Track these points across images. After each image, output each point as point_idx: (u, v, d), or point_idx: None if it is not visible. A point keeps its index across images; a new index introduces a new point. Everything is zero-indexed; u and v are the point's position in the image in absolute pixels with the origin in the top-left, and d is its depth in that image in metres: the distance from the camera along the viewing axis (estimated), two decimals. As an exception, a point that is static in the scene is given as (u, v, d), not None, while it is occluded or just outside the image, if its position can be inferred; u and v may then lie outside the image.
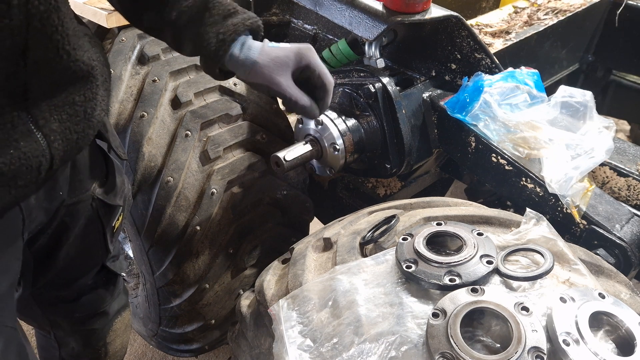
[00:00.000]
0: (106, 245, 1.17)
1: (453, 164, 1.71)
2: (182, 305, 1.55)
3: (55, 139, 0.83)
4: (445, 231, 0.94)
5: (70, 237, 1.07)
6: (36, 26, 0.74)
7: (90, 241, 1.14)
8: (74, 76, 0.85)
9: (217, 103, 1.51)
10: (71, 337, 1.31)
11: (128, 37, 1.50)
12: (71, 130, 0.86)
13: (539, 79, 1.41)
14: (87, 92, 0.88)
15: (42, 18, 0.74)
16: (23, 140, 0.79)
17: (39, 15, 0.73)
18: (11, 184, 0.80)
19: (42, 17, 0.74)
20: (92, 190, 1.07)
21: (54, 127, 0.83)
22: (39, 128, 0.81)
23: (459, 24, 1.43)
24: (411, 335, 0.77)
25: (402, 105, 1.39)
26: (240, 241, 1.55)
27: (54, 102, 0.83)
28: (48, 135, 0.82)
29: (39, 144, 0.81)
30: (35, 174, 0.82)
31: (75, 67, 0.84)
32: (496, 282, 0.85)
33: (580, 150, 1.26)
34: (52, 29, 0.76)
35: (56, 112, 0.83)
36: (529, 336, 0.73)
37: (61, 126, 0.84)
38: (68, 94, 0.85)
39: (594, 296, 0.80)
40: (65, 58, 0.81)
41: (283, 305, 0.90)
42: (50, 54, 0.78)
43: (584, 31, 2.09)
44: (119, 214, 1.18)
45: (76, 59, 0.83)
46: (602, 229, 1.19)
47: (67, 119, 0.85)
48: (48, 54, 0.78)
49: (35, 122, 0.80)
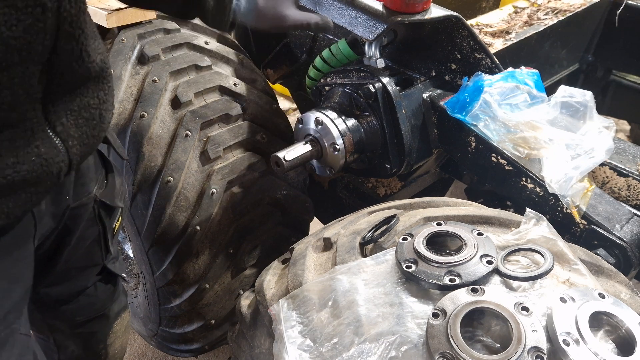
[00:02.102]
0: (107, 247, 1.17)
1: (453, 164, 1.71)
2: (182, 305, 1.55)
3: (73, 144, 0.84)
4: (445, 231, 0.94)
5: (72, 240, 1.08)
6: (66, 29, 0.74)
7: (91, 243, 1.14)
8: (89, 78, 0.85)
9: (217, 103, 1.51)
10: (70, 340, 1.30)
11: (128, 37, 1.50)
12: (87, 134, 0.87)
13: (539, 79, 1.41)
14: (100, 95, 0.89)
15: (72, 21, 0.74)
16: (43, 146, 0.79)
17: (70, 19, 0.74)
18: (32, 191, 0.80)
19: (72, 20, 0.74)
20: (94, 193, 1.08)
21: (72, 133, 0.84)
22: (57, 134, 0.81)
23: (459, 24, 1.43)
24: (411, 335, 0.77)
25: (402, 105, 1.39)
26: (240, 241, 1.55)
27: (71, 108, 0.83)
28: (66, 140, 0.83)
29: (58, 149, 0.82)
30: (55, 180, 0.82)
31: (92, 69, 0.84)
32: (496, 282, 0.85)
33: (580, 150, 1.26)
34: (79, 31, 0.77)
35: (73, 118, 0.84)
36: (529, 336, 0.73)
37: (78, 131, 0.85)
38: (83, 98, 0.85)
39: (594, 296, 0.80)
40: (86, 59, 0.81)
41: (283, 305, 0.90)
42: (74, 56, 0.79)
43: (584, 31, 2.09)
44: (118, 215, 1.18)
45: (93, 60, 0.83)
46: (602, 229, 1.19)
47: (84, 124, 0.86)
48: (72, 57, 0.78)
49: (53, 128, 0.81)
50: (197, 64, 1.54)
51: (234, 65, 1.64)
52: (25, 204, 0.81)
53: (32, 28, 0.69)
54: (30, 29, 0.68)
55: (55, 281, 1.14)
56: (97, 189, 1.09)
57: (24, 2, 0.67)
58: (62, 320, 1.26)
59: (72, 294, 1.20)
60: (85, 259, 1.16)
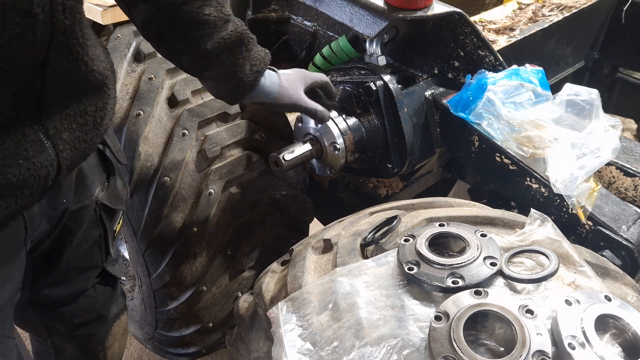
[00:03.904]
0: (107, 249, 1.18)
1: (456, 164, 1.71)
2: (179, 308, 1.55)
3: (64, 148, 0.84)
4: (448, 232, 0.94)
5: (72, 242, 1.08)
6: (59, 39, 0.74)
7: (92, 245, 1.15)
8: (89, 87, 0.86)
9: (215, 101, 1.51)
10: (68, 342, 1.31)
11: (124, 34, 1.50)
12: (80, 139, 0.87)
13: (543, 77, 1.41)
14: (98, 102, 0.89)
15: (66, 32, 0.75)
16: (33, 150, 0.79)
17: (63, 29, 0.74)
18: (18, 194, 0.80)
19: (67, 30, 0.75)
20: (95, 195, 1.08)
21: (64, 137, 0.84)
22: (49, 138, 0.81)
23: (462, 20, 1.43)
24: (413, 339, 0.77)
25: (404, 104, 1.39)
26: (239, 242, 1.55)
27: (66, 112, 0.83)
28: (57, 144, 0.83)
29: (48, 153, 0.82)
30: (42, 184, 0.82)
31: (91, 78, 0.84)
32: (500, 284, 0.85)
33: (586, 150, 1.26)
34: (74, 41, 0.77)
35: (67, 122, 0.84)
36: (534, 340, 0.73)
37: (71, 136, 0.85)
38: (81, 104, 0.86)
39: (599, 299, 0.80)
40: (84, 69, 0.82)
41: (282, 308, 0.90)
42: (69, 66, 0.79)
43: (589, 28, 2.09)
44: (119, 217, 1.19)
45: (93, 69, 0.84)
46: (608, 230, 1.19)
47: (77, 129, 0.86)
48: (67, 65, 0.79)
49: (46, 132, 0.81)
50: (194, 61, 1.53)
51: (232, 63, 1.64)
52: (10, 208, 0.81)
53: (20, 38, 0.69)
54: (17, 39, 0.69)
55: (55, 282, 1.14)
56: (99, 191, 1.09)
57: (13, 12, 0.67)
58: (60, 322, 1.26)
59: (72, 295, 1.21)
60: (85, 260, 1.17)
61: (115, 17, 1.45)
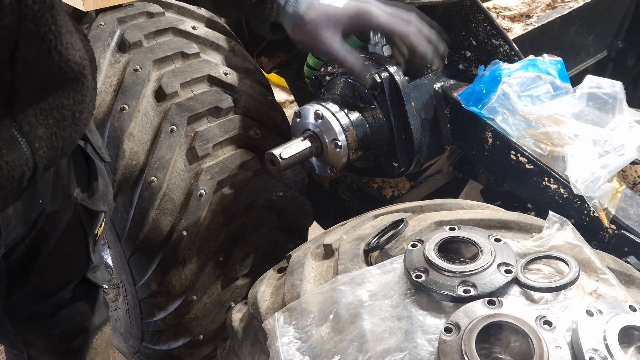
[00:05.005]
0: (88, 255, 1.18)
1: (468, 163, 1.71)
2: (167, 319, 1.55)
3: (40, 146, 0.84)
4: (459, 237, 0.94)
5: (50, 246, 1.08)
6: (28, 27, 0.74)
7: (71, 251, 1.14)
8: (65, 78, 0.85)
9: (206, 95, 1.51)
10: (46, 356, 1.31)
11: (107, 22, 1.50)
12: (57, 136, 0.87)
13: (563, 68, 1.42)
14: (76, 95, 0.89)
15: (35, 18, 0.74)
16: (6, 148, 0.79)
17: (31, 15, 0.74)
18: None
19: (36, 17, 0.74)
20: (75, 196, 1.08)
21: (40, 134, 0.83)
22: (24, 134, 0.81)
23: (474, 6, 1.43)
24: (421, 353, 0.77)
25: (411, 97, 1.39)
26: (232, 248, 1.55)
27: (41, 106, 0.83)
28: (33, 142, 0.82)
29: (23, 151, 0.81)
30: (17, 184, 0.82)
31: (66, 68, 0.84)
32: (515, 293, 0.85)
33: (608, 147, 1.26)
34: (45, 28, 0.77)
35: (42, 117, 0.83)
36: (552, 353, 0.73)
37: (47, 132, 0.85)
38: (57, 97, 0.85)
39: (624, 309, 0.80)
40: (57, 59, 0.81)
41: (279, 318, 0.90)
42: (41, 55, 0.79)
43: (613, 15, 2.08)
44: (101, 220, 1.19)
45: (68, 59, 0.83)
46: (633, 234, 1.19)
47: (54, 124, 0.86)
48: (39, 54, 0.78)
49: (19, 128, 0.80)
50: (183, 52, 1.54)
51: (225, 53, 1.64)
52: None
53: None
54: None
55: (31, 291, 1.14)
56: (79, 192, 1.09)
57: None
58: (38, 334, 1.26)
59: (49, 305, 1.21)
60: (64, 267, 1.17)
61: (97, 3, 1.45)
